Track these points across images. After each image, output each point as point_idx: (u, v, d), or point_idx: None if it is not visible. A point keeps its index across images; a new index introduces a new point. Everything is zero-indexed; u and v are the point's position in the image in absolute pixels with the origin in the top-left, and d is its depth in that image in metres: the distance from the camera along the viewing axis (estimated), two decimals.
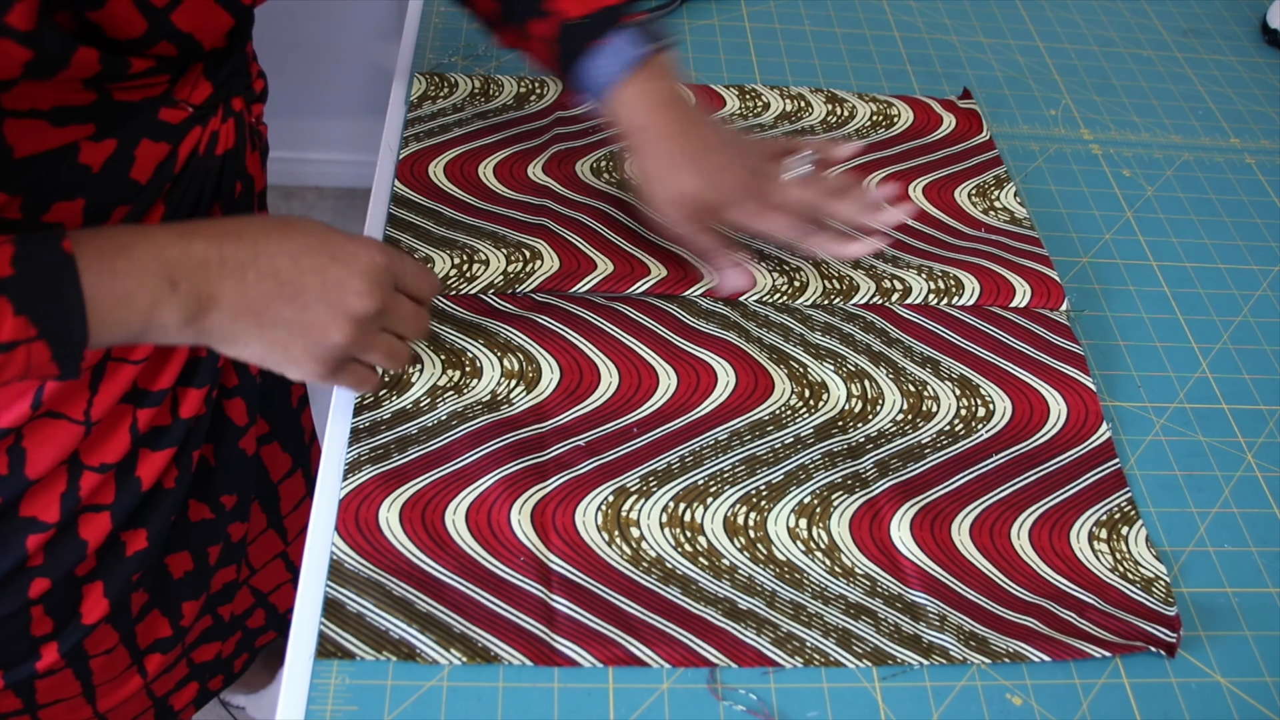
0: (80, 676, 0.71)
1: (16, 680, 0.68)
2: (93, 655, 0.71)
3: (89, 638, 0.69)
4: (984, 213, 0.82)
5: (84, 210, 0.54)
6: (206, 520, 0.75)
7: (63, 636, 0.67)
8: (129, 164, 0.54)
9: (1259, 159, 0.93)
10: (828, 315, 0.73)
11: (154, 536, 0.68)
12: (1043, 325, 0.74)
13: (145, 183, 0.55)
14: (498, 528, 0.59)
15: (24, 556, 0.62)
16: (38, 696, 0.70)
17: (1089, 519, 0.64)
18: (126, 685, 0.76)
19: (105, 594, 0.67)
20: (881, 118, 0.89)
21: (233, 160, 0.61)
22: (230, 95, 0.60)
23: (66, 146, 0.51)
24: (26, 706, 0.70)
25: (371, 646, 0.54)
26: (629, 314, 0.71)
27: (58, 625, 0.67)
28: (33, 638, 0.66)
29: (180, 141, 0.57)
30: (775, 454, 0.65)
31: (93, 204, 0.54)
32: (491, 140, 0.81)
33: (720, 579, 0.59)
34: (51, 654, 0.67)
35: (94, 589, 0.67)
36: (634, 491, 0.61)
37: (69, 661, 0.69)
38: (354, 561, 0.57)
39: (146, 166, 0.55)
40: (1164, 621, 0.60)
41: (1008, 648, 0.57)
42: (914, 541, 0.61)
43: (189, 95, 0.57)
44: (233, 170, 0.62)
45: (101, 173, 0.53)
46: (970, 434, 0.68)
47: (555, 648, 0.55)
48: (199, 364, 0.66)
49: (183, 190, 0.58)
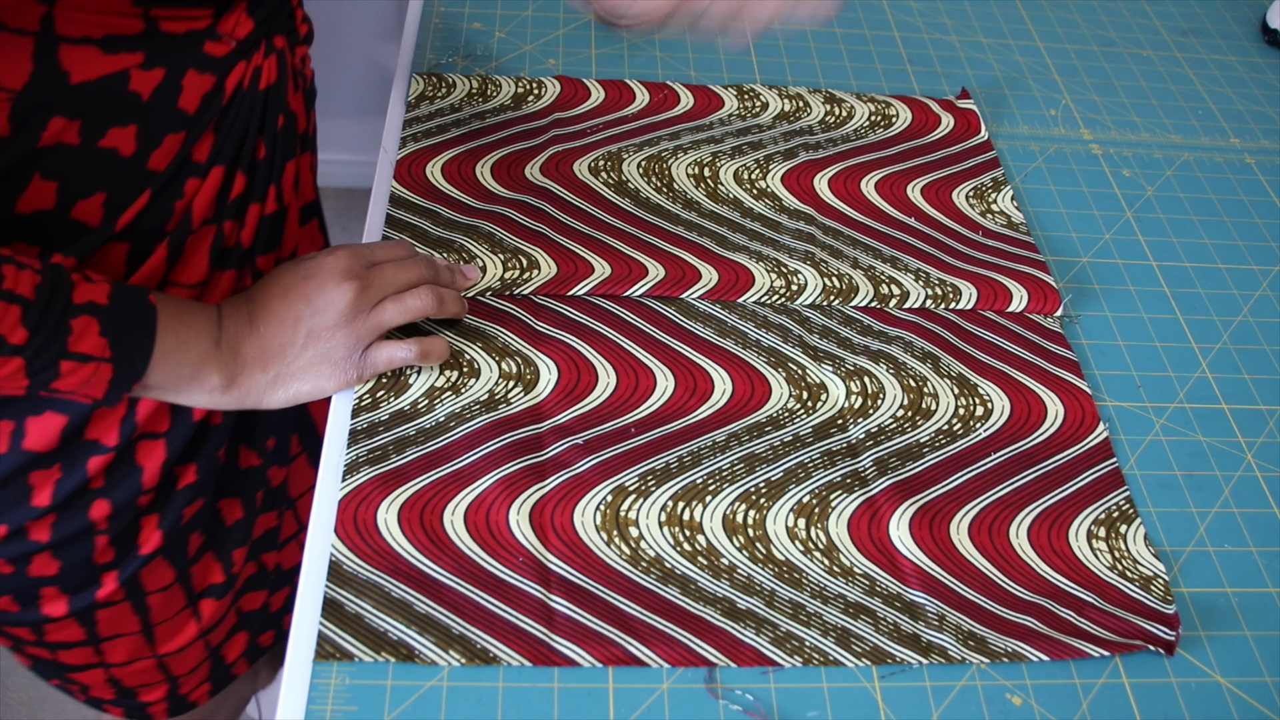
0: (139, 611, 0.74)
1: (80, 608, 0.71)
2: (150, 591, 0.74)
3: (146, 570, 0.72)
4: (981, 215, 0.82)
5: (136, 136, 0.56)
6: (253, 466, 0.78)
7: (122, 565, 0.71)
8: (177, 93, 0.57)
9: (1259, 159, 0.93)
10: (825, 318, 0.73)
11: (203, 471, 0.71)
12: (1036, 331, 0.74)
13: (193, 113, 0.59)
14: (496, 528, 0.59)
15: (86, 479, 0.65)
16: (99, 628, 0.74)
17: (1087, 517, 0.64)
18: (184, 630, 0.79)
19: (160, 525, 0.71)
20: (880, 118, 0.89)
21: (275, 95, 0.64)
22: (272, 33, 0.63)
23: (117, 74, 0.54)
24: (89, 637, 0.74)
25: (370, 647, 0.54)
26: (626, 317, 0.71)
27: (118, 555, 0.70)
28: (95, 565, 0.70)
29: (226, 75, 0.60)
30: (774, 451, 0.65)
31: (144, 130, 0.57)
32: (489, 140, 0.81)
33: (719, 578, 0.59)
34: (111, 583, 0.71)
35: (150, 520, 0.71)
36: (632, 491, 0.61)
37: (127, 593, 0.72)
38: (352, 563, 0.57)
39: (194, 97, 0.58)
40: (1163, 620, 0.60)
41: (1006, 647, 0.57)
42: (913, 541, 0.61)
43: (232, 30, 0.59)
44: (275, 105, 0.64)
45: (151, 100, 0.56)
46: (969, 433, 0.68)
47: (554, 648, 0.55)
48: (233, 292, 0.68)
49: (230, 123, 0.61)
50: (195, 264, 0.63)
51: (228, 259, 0.65)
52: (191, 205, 0.61)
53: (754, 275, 0.73)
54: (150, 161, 0.58)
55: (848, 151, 0.86)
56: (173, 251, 0.61)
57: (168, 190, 0.60)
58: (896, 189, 0.83)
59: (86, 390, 0.54)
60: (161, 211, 0.60)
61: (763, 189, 0.81)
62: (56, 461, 0.64)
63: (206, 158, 0.60)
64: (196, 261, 0.63)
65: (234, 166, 0.62)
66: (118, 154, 0.56)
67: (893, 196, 0.82)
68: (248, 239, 0.66)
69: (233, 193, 0.63)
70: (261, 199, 0.65)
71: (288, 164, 0.67)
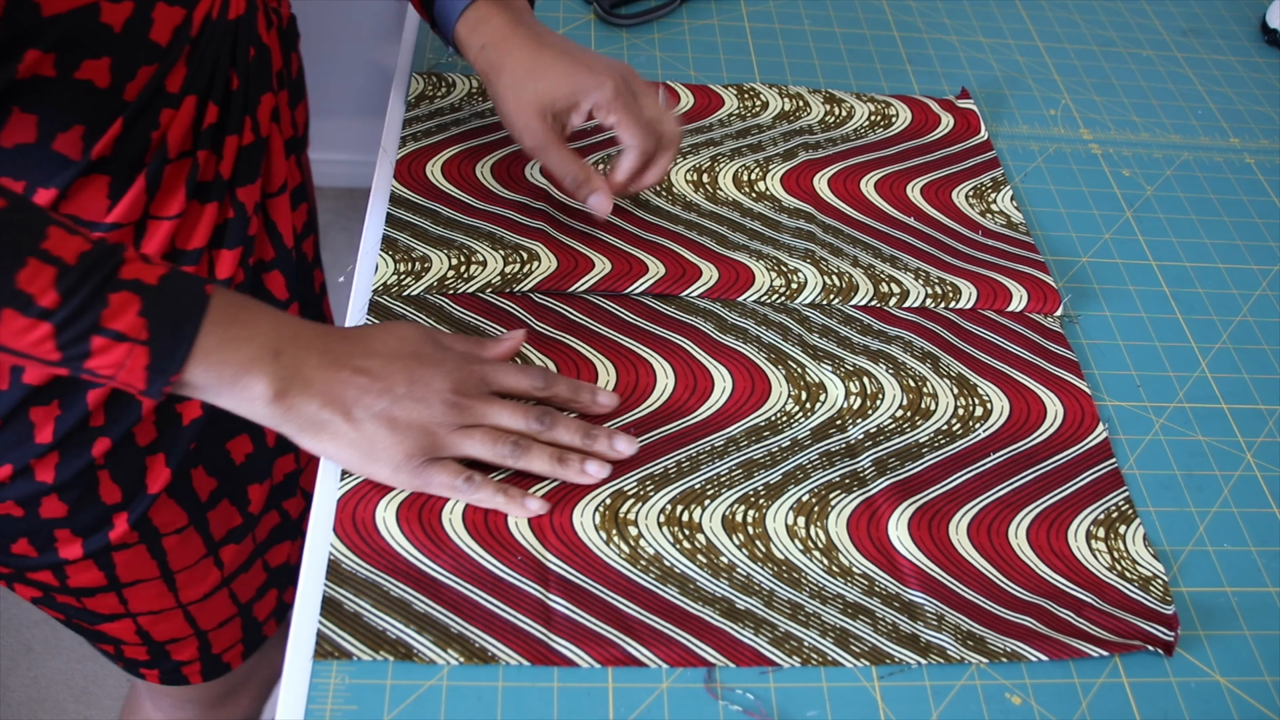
0: (155, 555, 0.74)
1: (94, 550, 0.71)
2: (164, 534, 0.74)
3: (155, 510, 0.72)
4: (981, 214, 0.82)
5: (110, 69, 0.56)
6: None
7: (131, 506, 0.71)
8: (148, 26, 0.57)
9: (1259, 159, 0.93)
10: (825, 317, 0.73)
11: (208, 406, 0.70)
12: (1037, 331, 0.74)
13: (165, 45, 0.58)
14: (495, 527, 0.59)
15: (86, 413, 0.65)
16: (118, 571, 0.74)
17: (1086, 518, 0.64)
18: (206, 577, 0.79)
19: (166, 464, 0.71)
20: (880, 118, 0.89)
21: (245, 27, 0.64)
22: None
23: (88, 6, 0.54)
24: (110, 582, 0.74)
25: (369, 646, 0.54)
26: (626, 317, 0.71)
27: (125, 494, 0.70)
28: (103, 504, 0.70)
29: (194, 7, 0.60)
30: (773, 457, 0.65)
31: (118, 63, 0.57)
32: (489, 140, 0.81)
33: (718, 577, 0.59)
34: (122, 523, 0.71)
35: (156, 460, 0.70)
36: (631, 495, 0.61)
37: (141, 535, 0.73)
38: (351, 561, 0.57)
39: (164, 29, 0.58)
40: (1162, 620, 0.60)
41: (1005, 647, 0.57)
42: (912, 541, 0.61)
43: None
44: (245, 37, 0.64)
45: (123, 33, 0.56)
46: (968, 433, 0.68)
47: (553, 648, 0.55)
48: (228, 225, 0.68)
49: (200, 53, 0.61)
50: (174, 196, 0.63)
51: (208, 192, 0.65)
52: (167, 135, 0.61)
53: (754, 274, 0.73)
54: (125, 93, 0.58)
55: (847, 151, 0.86)
56: (150, 183, 0.62)
57: (142, 119, 0.60)
58: (896, 189, 0.83)
59: (124, 376, 0.52)
60: (138, 141, 0.60)
61: (762, 191, 0.81)
62: (55, 397, 0.64)
63: (179, 88, 0.61)
64: (175, 193, 0.63)
65: (206, 97, 0.63)
66: (93, 85, 0.56)
67: (892, 196, 0.82)
68: (226, 171, 0.66)
69: (205, 122, 0.63)
70: (238, 130, 0.66)
71: (263, 96, 0.67)
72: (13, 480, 0.67)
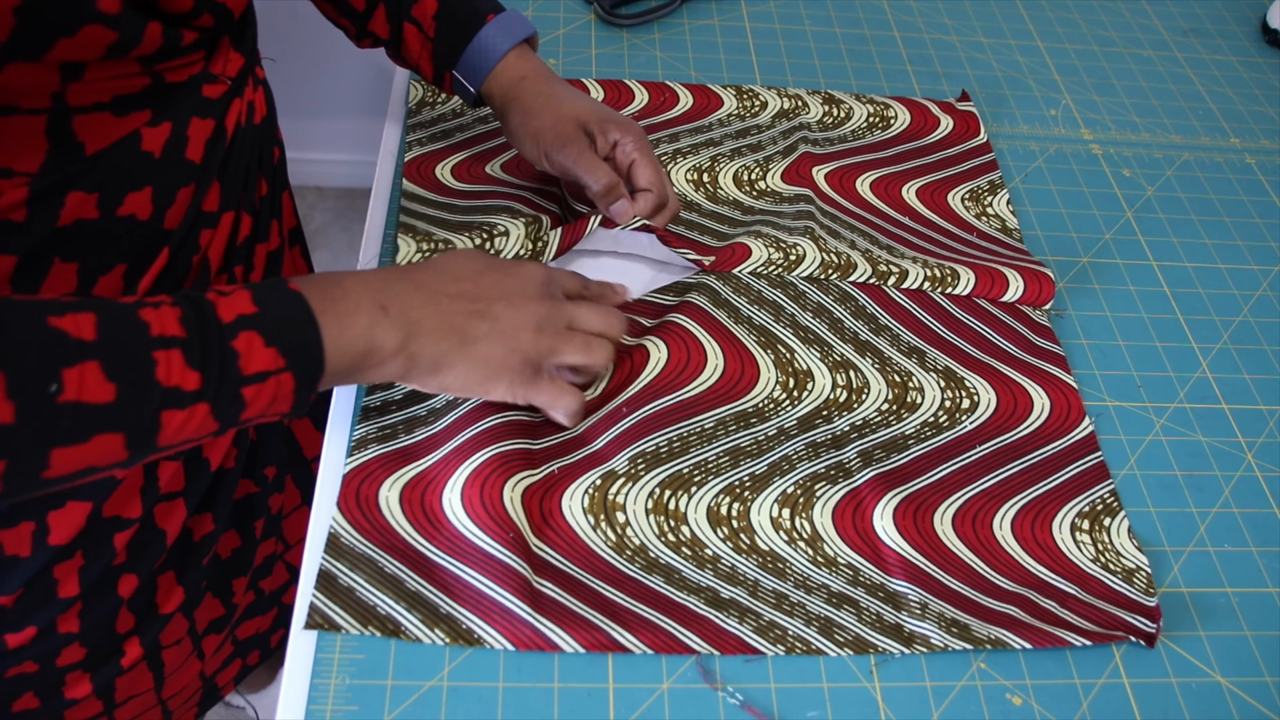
0: (154, 669, 0.73)
1: (102, 682, 0.69)
2: (165, 646, 0.73)
3: (165, 629, 0.71)
4: (976, 218, 0.82)
5: (152, 197, 0.56)
6: (252, 494, 0.76)
7: (143, 630, 0.69)
8: (184, 145, 0.56)
9: (1259, 159, 0.93)
10: (821, 294, 0.73)
11: (219, 519, 0.70)
12: (1025, 324, 0.75)
13: (200, 161, 0.58)
14: (489, 501, 0.59)
15: (112, 555, 0.64)
16: (116, 695, 0.72)
17: (1071, 510, 0.65)
18: (189, 672, 0.78)
19: (179, 581, 0.70)
20: (878, 119, 0.89)
21: (268, 127, 0.64)
22: (254, 65, 0.63)
23: (129, 136, 0.53)
24: (106, 709, 0.72)
25: (358, 620, 0.54)
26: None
27: (139, 620, 0.69)
28: (117, 635, 0.68)
29: (224, 116, 0.59)
30: (759, 445, 0.65)
31: (159, 190, 0.56)
32: (495, 144, 0.81)
33: (703, 569, 0.59)
34: (134, 649, 0.69)
35: (167, 578, 0.69)
36: (622, 474, 0.62)
37: (146, 655, 0.71)
38: (350, 536, 0.57)
39: (199, 144, 0.57)
40: (1144, 612, 0.60)
41: (989, 634, 0.57)
42: (896, 531, 0.61)
43: (224, 68, 0.59)
44: (269, 139, 0.64)
45: (162, 158, 0.55)
46: (954, 425, 0.68)
47: (540, 631, 0.55)
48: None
49: (233, 164, 0.60)
50: None
51: None
52: (207, 256, 0.61)
53: (751, 249, 0.73)
54: (166, 220, 0.57)
55: (844, 151, 0.86)
56: None
57: (184, 247, 0.59)
58: (891, 189, 0.83)
59: (274, 409, 0.49)
60: (180, 269, 0.59)
61: (762, 190, 0.81)
62: (79, 549, 0.62)
63: (216, 206, 0.60)
64: None
65: (240, 209, 0.62)
66: (136, 219, 0.55)
67: (887, 196, 0.82)
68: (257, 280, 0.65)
69: (240, 236, 0.62)
70: (266, 238, 0.65)
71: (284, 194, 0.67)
72: (35, 640, 0.63)
